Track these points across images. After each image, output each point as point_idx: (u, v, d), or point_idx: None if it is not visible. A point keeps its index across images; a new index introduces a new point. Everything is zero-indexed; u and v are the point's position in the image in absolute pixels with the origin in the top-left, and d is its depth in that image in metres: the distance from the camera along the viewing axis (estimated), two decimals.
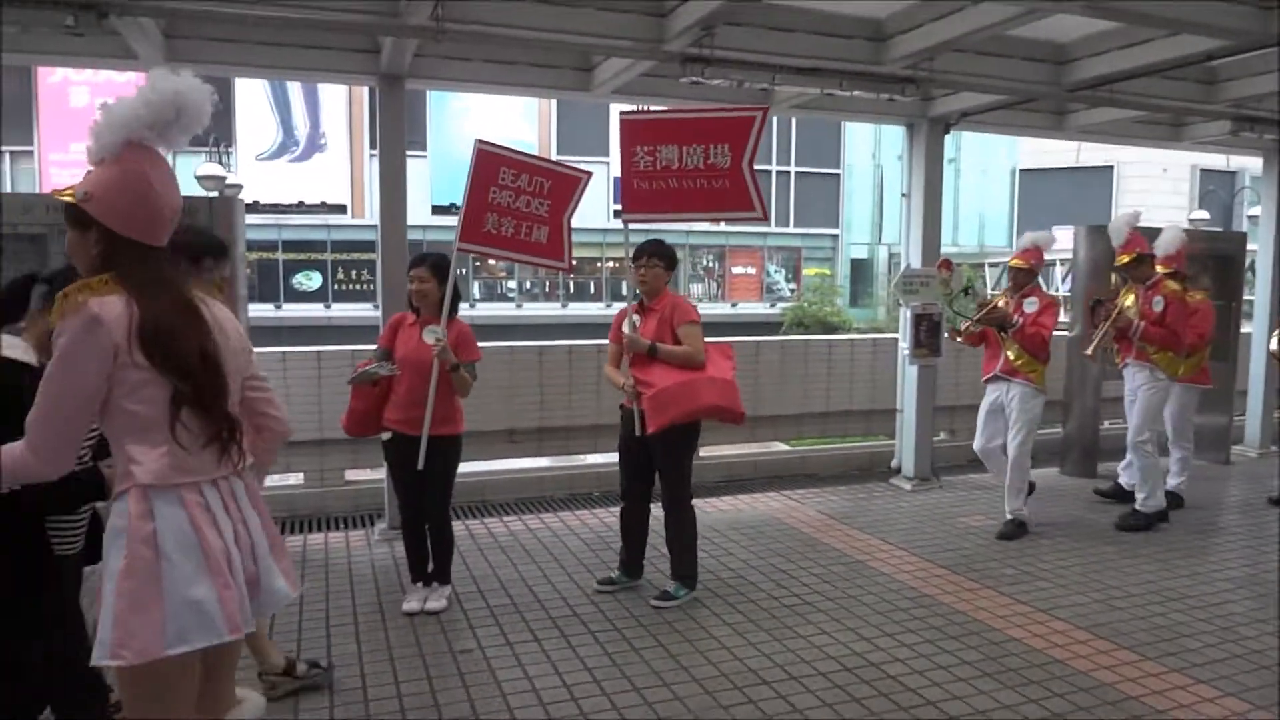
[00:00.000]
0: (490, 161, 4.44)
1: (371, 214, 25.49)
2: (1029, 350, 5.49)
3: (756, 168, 4.43)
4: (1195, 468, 7.26)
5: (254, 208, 24.77)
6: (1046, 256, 6.02)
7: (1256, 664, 3.85)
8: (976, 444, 5.93)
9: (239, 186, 17.22)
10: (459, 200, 4.52)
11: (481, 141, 4.46)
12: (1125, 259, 5.78)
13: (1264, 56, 6.09)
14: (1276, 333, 6.70)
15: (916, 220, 7.08)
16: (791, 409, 7.59)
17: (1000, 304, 5.65)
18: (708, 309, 31.29)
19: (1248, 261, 8.94)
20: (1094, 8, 4.60)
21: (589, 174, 4.66)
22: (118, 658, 1.83)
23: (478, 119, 26.85)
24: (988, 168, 35.29)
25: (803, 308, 28.62)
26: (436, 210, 26.62)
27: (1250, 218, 18.31)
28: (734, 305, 32.31)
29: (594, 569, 4.93)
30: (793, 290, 32.87)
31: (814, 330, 24.38)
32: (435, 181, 27.14)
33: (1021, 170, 35.82)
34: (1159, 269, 5.80)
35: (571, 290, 30.43)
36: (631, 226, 4.75)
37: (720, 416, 4.39)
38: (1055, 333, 5.63)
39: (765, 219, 4.62)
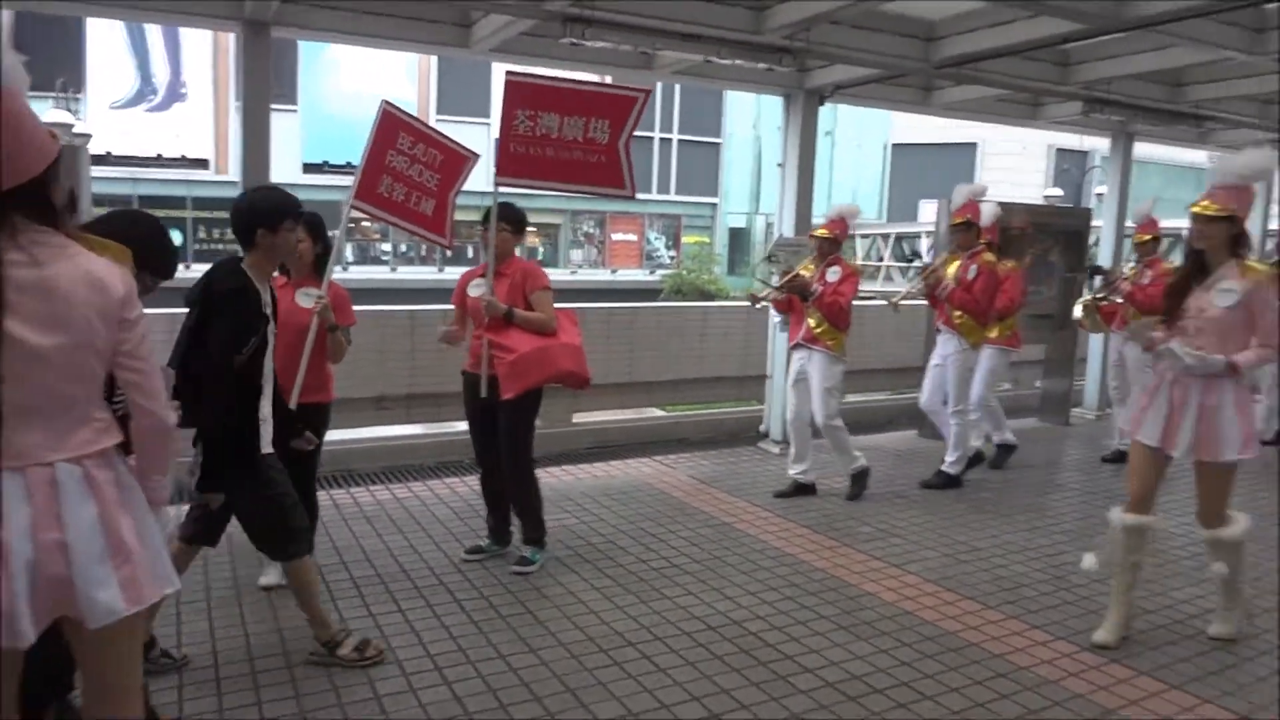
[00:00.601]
0: (392, 124, 4.35)
1: (237, 170, 24.25)
2: (829, 319, 5.56)
3: (639, 134, 4.44)
4: (1038, 429, 7.68)
5: (105, 159, 23.15)
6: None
7: (1084, 609, 4.13)
8: (788, 414, 6.02)
9: (87, 136, 16.05)
10: (332, 158, 4.40)
11: (387, 103, 4.37)
12: (958, 220, 6.04)
13: (1113, 41, 6.46)
14: (1080, 301, 7.04)
15: (790, 190, 7.21)
16: (667, 375, 7.67)
17: (803, 272, 5.71)
18: (588, 275, 31.26)
19: (1092, 237, 9.50)
20: None
21: (478, 156, 4.60)
22: None
23: (354, 74, 25.78)
24: (862, 141, 36.30)
25: (682, 275, 28.91)
26: (309, 169, 25.48)
27: (1098, 195, 19.55)
28: (614, 272, 32.37)
29: (463, 538, 4.87)
30: (673, 258, 33.14)
31: (692, 298, 24.69)
32: (307, 138, 25.95)
33: (893, 145, 37.00)
34: (980, 240, 6.08)
35: (449, 255, 29.79)
36: (503, 190, 4.67)
37: (571, 382, 4.46)
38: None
39: (633, 198, 4.64)
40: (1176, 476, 4.18)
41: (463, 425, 4.83)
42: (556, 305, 4.49)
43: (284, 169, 24.42)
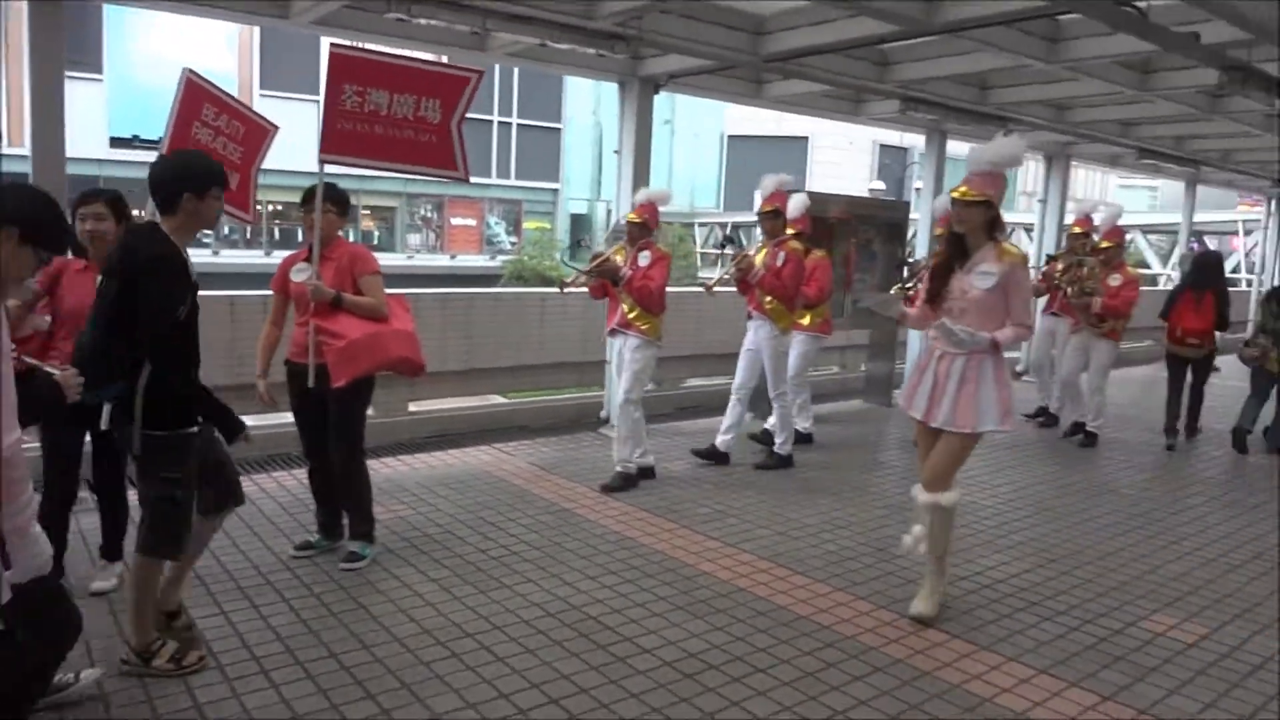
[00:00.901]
0: (197, 95, 4.13)
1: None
2: (641, 303, 5.62)
3: (478, 117, 4.39)
4: (864, 410, 8.08)
5: None
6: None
7: (903, 580, 4.40)
8: (616, 398, 6.11)
9: None
10: (143, 132, 4.15)
11: (191, 72, 4.13)
12: (766, 209, 6.22)
13: (926, 44, 6.86)
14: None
15: (627, 177, 7.27)
16: (506, 362, 7.58)
17: (616, 257, 5.74)
18: (426, 260, 30.49)
19: (910, 231, 10.09)
20: None
21: (277, 128, 4.44)
22: None
23: (168, 42, 23.99)
24: (700, 132, 37.08)
25: (522, 261, 28.70)
26: (116, 143, 23.60)
27: (916, 189, 20.80)
28: (453, 257, 31.74)
29: (292, 534, 4.66)
30: (513, 243, 32.83)
31: (534, 284, 24.54)
32: (114, 110, 24.00)
33: (730, 136, 38.00)
34: (788, 230, 6.29)
35: (276, 237, 28.34)
36: (336, 171, 4.48)
37: (404, 369, 4.36)
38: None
39: (466, 180, 4.59)
40: (980, 451, 4.50)
41: (289, 417, 4.60)
42: (388, 291, 4.36)
43: (87, 143, 22.56)
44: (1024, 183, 33.76)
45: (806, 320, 6.72)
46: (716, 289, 6.70)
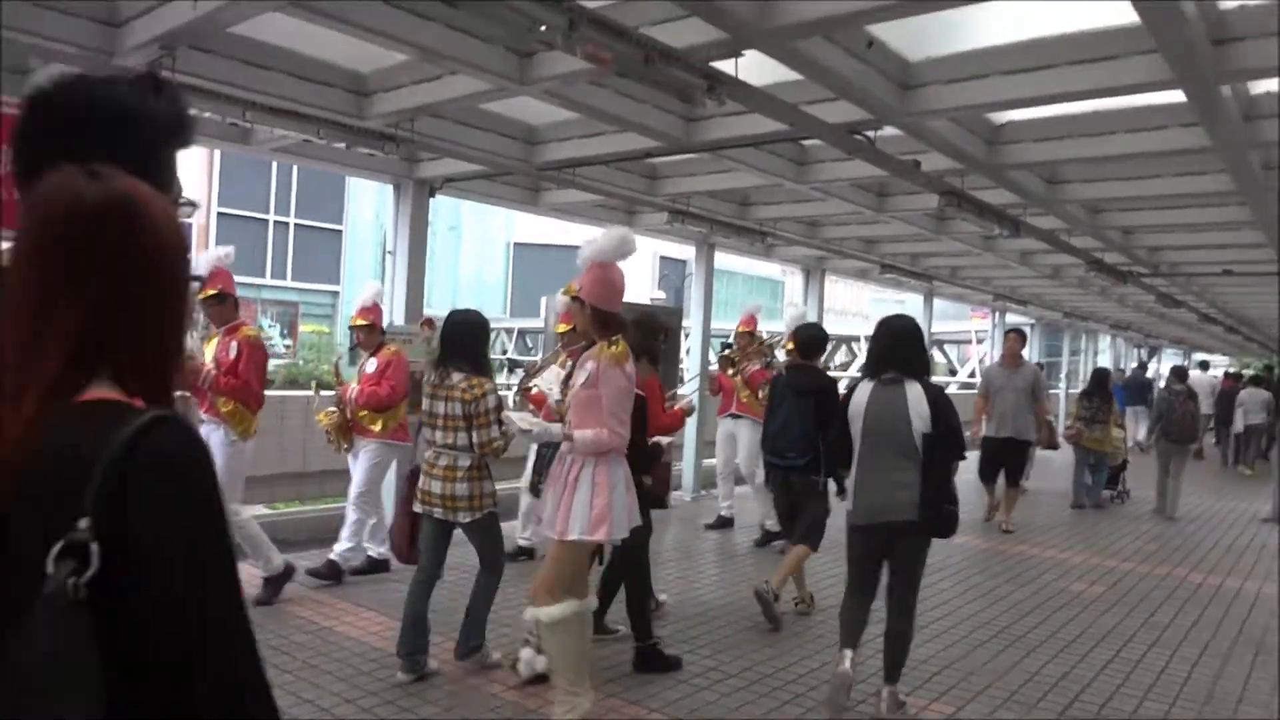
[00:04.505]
0: None
1: None
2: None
3: (254, 215, 4.08)
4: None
5: None
6: None
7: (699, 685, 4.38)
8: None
9: None
10: None
11: None
12: (210, 293, 5.30)
13: (691, 161, 7.31)
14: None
15: (401, 278, 7.16)
16: (266, 469, 7.09)
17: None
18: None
19: (684, 334, 10.53)
20: (557, 96, 5.10)
21: None
22: None
23: None
24: (486, 237, 37.40)
25: (298, 365, 27.33)
26: None
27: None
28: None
29: None
30: (288, 346, 31.28)
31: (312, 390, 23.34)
32: None
33: (516, 243, 38.59)
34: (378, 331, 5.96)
35: None
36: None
37: None
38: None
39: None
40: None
41: None
42: None
43: None
44: (789, 294, 36.42)
45: (378, 426, 5.87)
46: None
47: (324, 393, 6.41)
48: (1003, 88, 4.67)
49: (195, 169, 28.95)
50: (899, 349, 4.07)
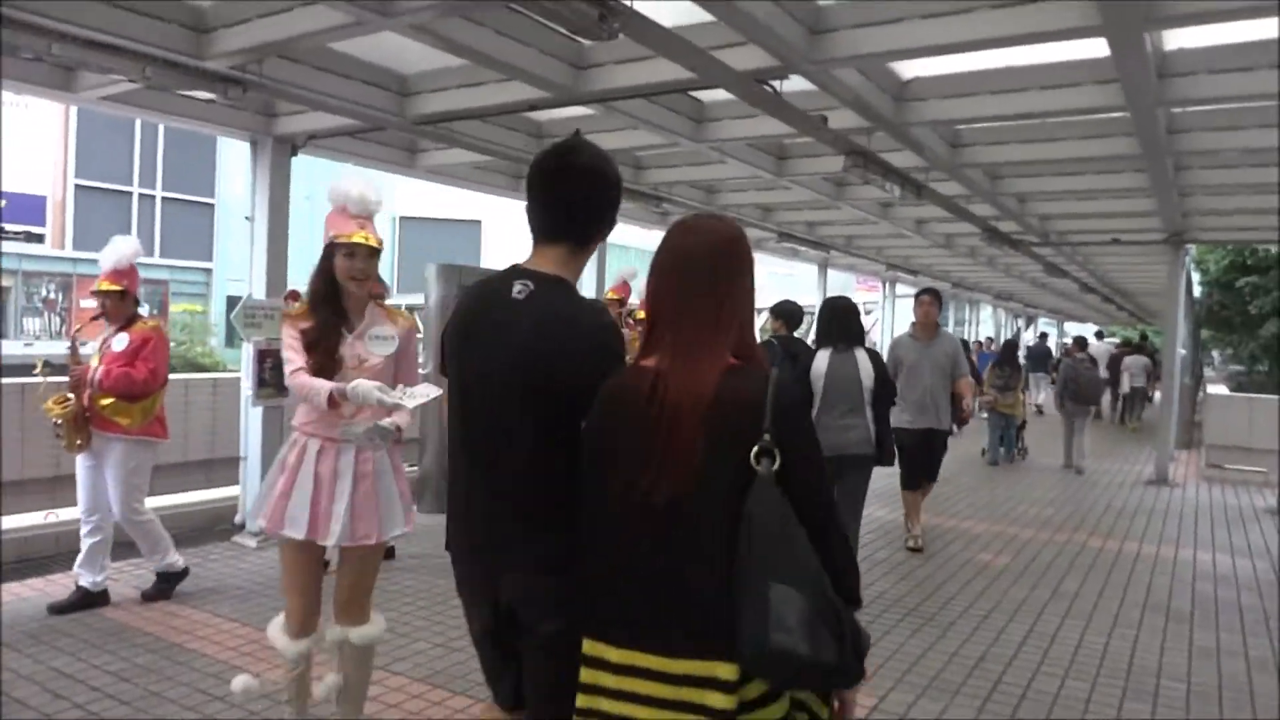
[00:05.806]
0: None
1: None
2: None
3: (114, 187, 3.40)
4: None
5: None
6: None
7: None
8: None
9: None
10: None
11: None
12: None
13: (582, 118, 6.77)
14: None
15: (261, 248, 6.44)
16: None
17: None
18: (46, 347, 26.21)
19: None
20: (428, 33, 4.47)
21: None
22: None
23: None
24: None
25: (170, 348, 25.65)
26: None
27: None
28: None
29: None
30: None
31: (183, 372, 21.86)
32: None
33: (401, 217, 37.20)
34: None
35: None
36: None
37: None
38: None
39: None
40: None
41: None
42: None
43: None
44: None
45: (127, 420, 4.80)
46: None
47: (52, 378, 5.13)
48: (919, 32, 4.33)
49: (46, 134, 26.70)
50: (846, 323, 5.22)
